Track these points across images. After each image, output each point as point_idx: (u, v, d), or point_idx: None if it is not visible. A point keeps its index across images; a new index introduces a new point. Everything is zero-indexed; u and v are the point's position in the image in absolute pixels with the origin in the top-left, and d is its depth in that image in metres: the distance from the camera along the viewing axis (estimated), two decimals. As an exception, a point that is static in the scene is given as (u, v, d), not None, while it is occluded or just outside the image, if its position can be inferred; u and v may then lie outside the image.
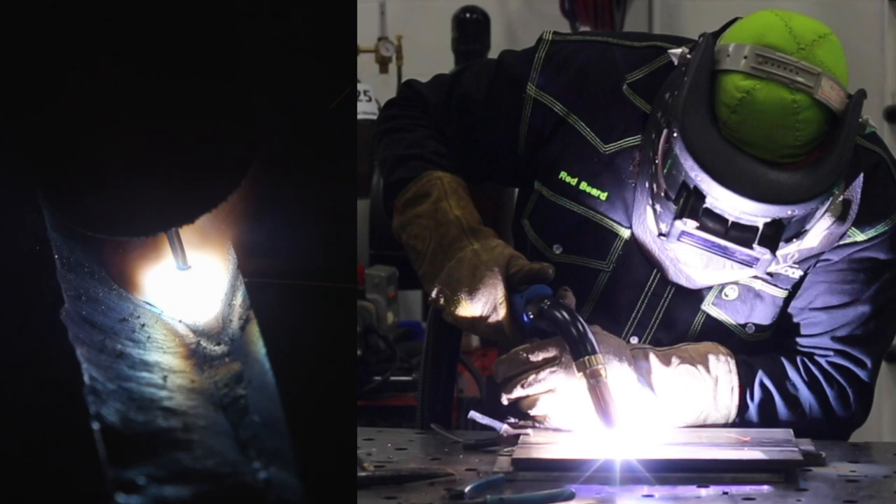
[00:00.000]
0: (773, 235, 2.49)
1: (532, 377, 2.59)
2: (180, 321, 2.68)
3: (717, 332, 2.76)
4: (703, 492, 2.33)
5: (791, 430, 2.61)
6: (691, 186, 2.49)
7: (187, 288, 2.69)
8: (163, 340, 2.64)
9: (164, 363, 2.57)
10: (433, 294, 2.69)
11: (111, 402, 2.35)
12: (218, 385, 2.54)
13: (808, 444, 2.52)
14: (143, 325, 2.64)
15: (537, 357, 2.60)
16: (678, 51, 2.61)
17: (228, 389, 2.52)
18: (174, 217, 2.51)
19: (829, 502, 2.30)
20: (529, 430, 2.61)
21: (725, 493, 2.32)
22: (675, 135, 2.49)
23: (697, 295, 2.76)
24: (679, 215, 2.51)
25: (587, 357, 2.52)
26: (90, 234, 2.57)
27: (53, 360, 2.41)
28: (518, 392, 2.61)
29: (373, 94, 5.61)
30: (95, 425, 2.27)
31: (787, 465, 2.41)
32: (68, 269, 2.57)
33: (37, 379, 2.38)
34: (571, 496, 2.26)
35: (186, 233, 2.62)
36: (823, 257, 2.71)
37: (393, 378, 4.95)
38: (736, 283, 2.73)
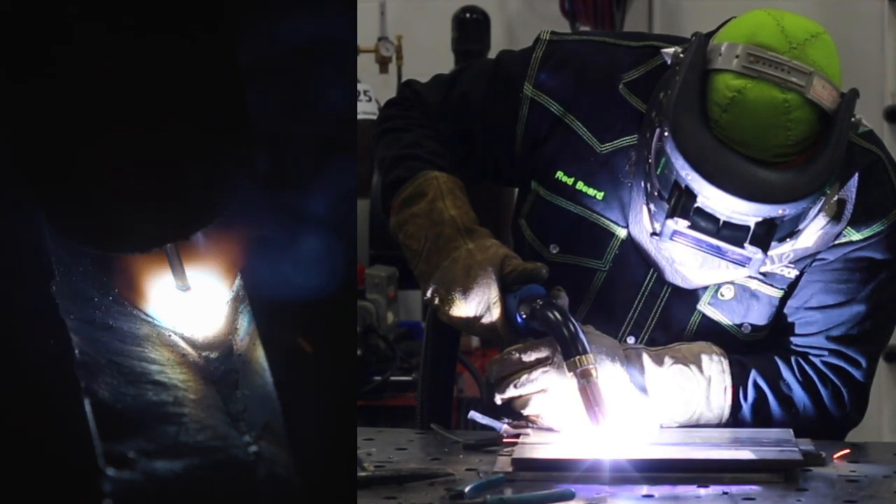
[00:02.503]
0: (765, 235, 2.49)
1: (524, 377, 2.60)
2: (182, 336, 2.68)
3: (714, 332, 2.76)
4: (703, 492, 2.33)
5: (791, 430, 2.61)
6: (682, 186, 2.49)
7: (190, 305, 2.68)
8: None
9: (154, 336, 2.56)
10: (428, 294, 2.70)
11: (102, 376, 2.35)
12: (209, 359, 2.53)
13: (808, 444, 2.52)
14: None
15: (530, 357, 2.60)
16: (671, 50, 2.61)
17: (219, 363, 2.52)
18: (169, 233, 2.50)
19: (829, 502, 2.30)
20: (529, 430, 2.61)
21: (725, 493, 2.32)
22: (666, 134, 2.49)
23: (694, 295, 2.76)
24: (671, 214, 2.51)
25: (578, 357, 2.52)
26: (85, 249, 2.56)
27: (43, 334, 2.40)
28: (511, 392, 2.61)
29: (373, 94, 5.61)
30: (86, 399, 2.27)
31: (787, 465, 2.41)
32: (57, 243, 2.56)
33: (26, 354, 2.38)
34: (571, 496, 2.26)
35: (189, 248, 2.62)
36: (819, 257, 2.71)
37: (393, 378, 4.96)
38: (732, 283, 2.73)
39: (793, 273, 2.73)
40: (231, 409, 2.39)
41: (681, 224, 2.51)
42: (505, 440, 2.58)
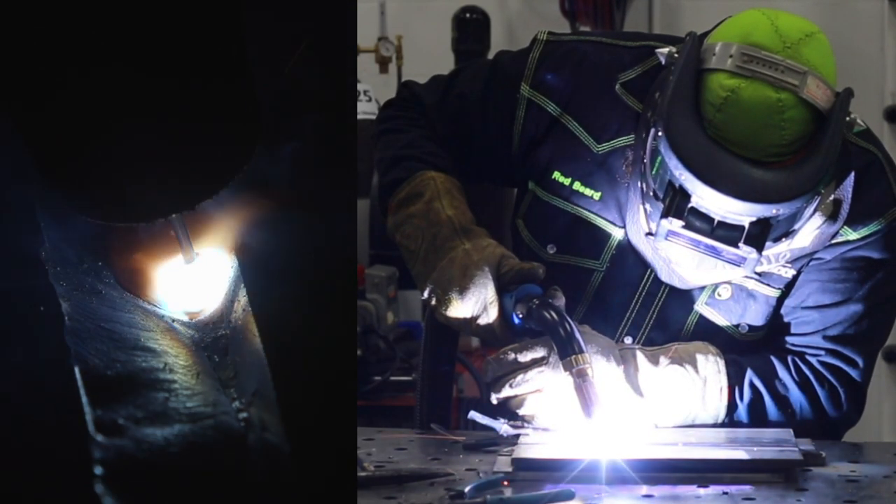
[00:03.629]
0: (760, 234, 2.49)
1: (520, 377, 2.60)
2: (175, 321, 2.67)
3: (711, 332, 2.76)
4: (703, 492, 2.33)
5: (791, 430, 2.61)
6: (677, 185, 2.49)
7: (190, 282, 2.67)
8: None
9: (144, 302, 2.55)
10: (425, 294, 2.70)
11: (91, 342, 2.35)
12: (199, 325, 2.52)
13: (808, 444, 2.52)
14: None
15: (525, 357, 2.61)
16: (666, 50, 2.61)
17: (210, 329, 2.51)
18: (173, 203, 2.48)
19: (829, 502, 2.31)
20: (528, 430, 2.61)
21: (725, 493, 2.32)
22: (660, 134, 2.49)
23: (690, 295, 2.76)
24: (665, 214, 2.51)
25: (574, 356, 2.53)
26: (90, 220, 2.54)
27: (33, 303, 2.39)
28: (506, 392, 2.61)
29: (373, 94, 5.61)
30: (76, 366, 2.27)
31: (787, 465, 2.41)
32: (45, 209, 2.55)
33: (13, 320, 2.37)
34: (571, 496, 2.26)
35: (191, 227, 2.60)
36: (816, 256, 2.71)
37: (393, 378, 4.96)
38: (729, 283, 2.73)
39: (790, 273, 2.73)
40: (221, 376, 2.39)
41: (675, 224, 2.51)
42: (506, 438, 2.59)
